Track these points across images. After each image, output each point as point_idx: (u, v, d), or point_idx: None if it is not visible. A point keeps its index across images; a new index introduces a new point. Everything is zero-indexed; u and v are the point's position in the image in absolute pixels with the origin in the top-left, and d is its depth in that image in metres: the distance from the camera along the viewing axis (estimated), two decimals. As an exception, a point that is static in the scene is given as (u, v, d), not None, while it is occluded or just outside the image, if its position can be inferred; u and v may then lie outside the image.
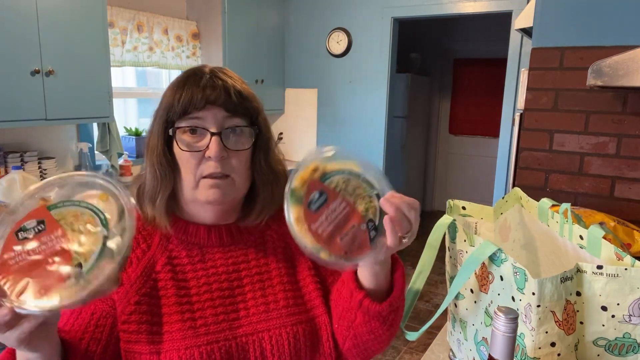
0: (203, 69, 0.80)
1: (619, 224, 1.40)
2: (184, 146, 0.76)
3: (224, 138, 0.76)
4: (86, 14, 2.42)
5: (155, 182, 0.78)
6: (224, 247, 0.83)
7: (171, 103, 0.76)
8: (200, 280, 0.79)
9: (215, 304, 0.78)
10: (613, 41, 1.57)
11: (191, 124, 0.76)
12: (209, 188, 0.77)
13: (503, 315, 0.62)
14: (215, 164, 0.76)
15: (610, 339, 0.75)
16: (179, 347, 0.74)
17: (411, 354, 2.85)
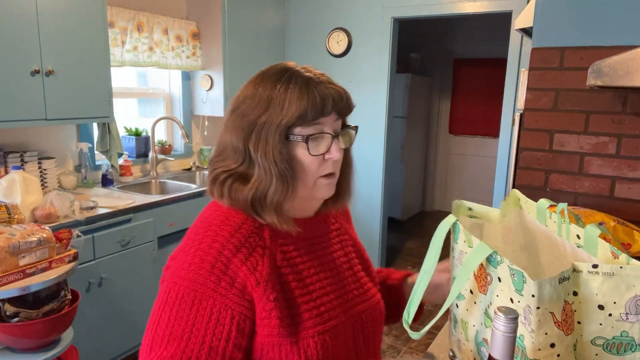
0: (306, 72, 0.82)
1: (619, 224, 1.40)
2: (313, 151, 0.81)
3: (339, 140, 0.83)
4: (86, 14, 2.42)
5: (285, 189, 0.80)
6: (318, 238, 0.91)
7: (303, 110, 0.78)
8: (310, 271, 0.86)
9: (327, 291, 0.86)
10: (613, 41, 1.57)
11: (317, 130, 0.80)
12: (325, 186, 0.84)
13: (503, 315, 0.62)
14: (333, 164, 0.83)
15: (608, 338, 0.75)
16: (313, 334, 0.80)
17: (411, 354, 2.85)
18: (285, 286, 0.81)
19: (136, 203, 2.50)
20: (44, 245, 1.64)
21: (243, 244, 0.79)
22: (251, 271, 0.77)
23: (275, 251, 0.82)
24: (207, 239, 0.79)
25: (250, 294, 0.77)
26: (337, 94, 0.80)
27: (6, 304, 1.54)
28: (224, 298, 0.75)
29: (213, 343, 0.73)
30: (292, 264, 0.84)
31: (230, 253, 0.77)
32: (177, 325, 0.74)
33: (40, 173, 2.51)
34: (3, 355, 1.62)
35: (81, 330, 2.06)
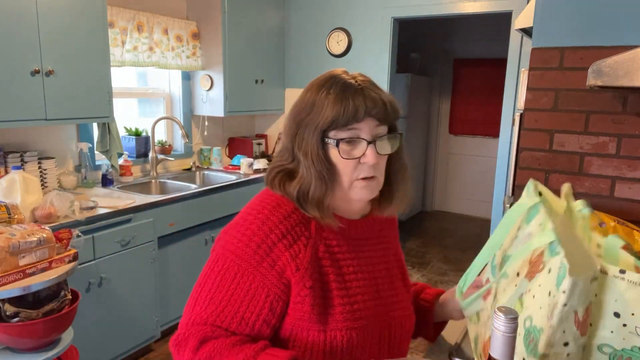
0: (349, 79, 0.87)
1: (619, 224, 1.40)
2: (345, 154, 0.85)
3: (377, 145, 0.86)
4: (86, 14, 2.42)
5: (322, 186, 0.86)
6: (362, 240, 0.94)
7: (335, 115, 0.83)
8: (350, 269, 0.90)
9: (364, 290, 0.90)
10: (613, 41, 1.57)
11: (351, 134, 0.85)
12: (362, 188, 0.87)
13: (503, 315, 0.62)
14: (369, 168, 0.86)
15: (617, 349, 0.74)
16: (341, 328, 0.85)
17: (411, 354, 2.85)
18: (324, 277, 0.86)
19: (136, 203, 2.50)
20: (44, 245, 1.64)
21: (289, 231, 0.86)
22: (293, 257, 0.84)
23: (319, 243, 0.88)
24: (257, 220, 0.86)
25: (288, 278, 0.84)
26: (373, 101, 0.84)
27: (6, 304, 1.54)
28: (263, 277, 0.83)
29: (245, 315, 0.83)
30: (334, 258, 0.88)
31: (276, 237, 0.85)
32: (218, 292, 0.84)
33: (40, 173, 2.51)
34: (3, 355, 1.62)
35: (81, 330, 2.06)
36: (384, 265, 0.96)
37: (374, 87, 0.87)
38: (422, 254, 4.60)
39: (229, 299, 0.83)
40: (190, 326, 0.84)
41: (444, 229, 5.43)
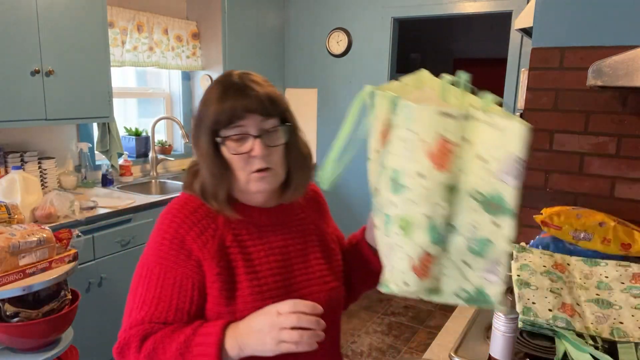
0: (234, 78, 0.93)
1: (619, 224, 1.40)
2: (233, 151, 0.90)
3: (264, 139, 0.90)
4: (86, 14, 2.42)
5: (214, 182, 0.93)
6: (274, 226, 1.00)
7: (216, 116, 0.90)
8: (260, 254, 0.96)
9: (274, 272, 0.95)
10: (613, 41, 1.57)
11: (237, 132, 0.90)
12: (258, 180, 0.92)
13: (503, 315, 0.62)
14: (260, 160, 0.90)
15: (486, 195, 0.69)
16: (250, 308, 0.89)
17: (411, 354, 2.85)
18: (232, 264, 0.92)
19: (136, 203, 2.50)
20: (44, 245, 1.64)
21: (196, 224, 0.93)
22: (201, 248, 0.91)
23: (227, 233, 0.94)
24: (167, 219, 0.94)
25: (203, 266, 0.91)
26: (250, 98, 0.89)
27: (6, 304, 1.54)
28: (184, 269, 0.91)
29: (179, 305, 0.89)
30: (242, 246, 0.95)
31: (184, 231, 0.92)
32: (149, 293, 0.90)
33: (40, 173, 2.51)
34: (3, 355, 1.62)
35: (81, 330, 2.06)
36: (301, 246, 1.01)
37: (255, 85, 0.91)
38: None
39: (159, 296, 0.89)
40: (128, 330, 0.89)
41: (444, 229, 5.43)
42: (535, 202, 1.77)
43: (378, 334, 3.06)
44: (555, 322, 1.02)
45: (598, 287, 1.18)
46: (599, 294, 1.15)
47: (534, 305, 1.07)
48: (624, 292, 1.15)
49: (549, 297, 1.10)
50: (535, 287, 1.14)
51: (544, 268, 1.23)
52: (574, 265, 1.28)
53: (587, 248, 1.39)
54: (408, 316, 3.31)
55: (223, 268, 0.91)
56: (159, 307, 0.89)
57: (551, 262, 1.26)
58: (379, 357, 2.80)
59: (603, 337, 1.01)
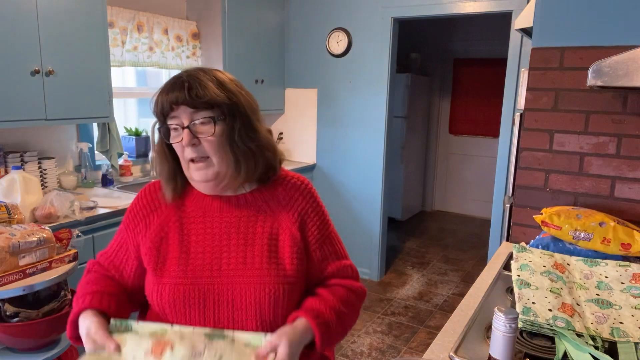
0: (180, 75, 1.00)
1: (619, 224, 1.40)
2: (166, 139, 1.01)
3: (193, 129, 0.98)
4: (86, 14, 2.42)
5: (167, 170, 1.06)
6: (222, 212, 1.06)
7: (155, 109, 1.01)
8: (198, 237, 1.04)
9: (205, 256, 1.02)
10: (613, 41, 1.57)
11: (170, 122, 1.00)
12: (195, 170, 1.02)
13: (503, 315, 0.62)
14: (191, 149, 0.99)
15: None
16: (172, 283, 1.00)
17: (411, 354, 2.85)
18: (168, 240, 1.05)
19: (136, 203, 2.50)
20: (44, 245, 1.64)
21: (149, 204, 1.10)
22: (146, 225, 1.08)
23: (173, 215, 1.07)
24: (137, 195, 1.14)
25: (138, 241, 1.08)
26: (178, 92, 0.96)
27: (6, 304, 1.54)
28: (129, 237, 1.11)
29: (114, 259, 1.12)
30: (183, 227, 1.05)
31: (138, 208, 1.11)
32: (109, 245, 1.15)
33: (40, 173, 2.51)
34: (3, 355, 1.62)
35: (81, 330, 2.06)
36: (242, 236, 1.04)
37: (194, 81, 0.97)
38: (422, 254, 4.60)
39: (111, 245, 1.14)
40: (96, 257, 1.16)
41: (444, 229, 5.43)
42: (535, 202, 1.78)
43: (378, 334, 3.06)
44: (555, 322, 1.02)
45: (598, 287, 1.18)
46: (599, 294, 1.15)
47: (534, 305, 1.07)
48: (623, 292, 1.15)
49: (549, 297, 1.10)
50: (535, 287, 1.14)
51: (544, 268, 1.23)
52: (574, 265, 1.28)
53: (587, 248, 1.39)
54: (408, 316, 3.31)
55: (155, 244, 1.05)
56: (107, 252, 1.14)
57: (551, 262, 1.26)
58: (379, 357, 2.80)
59: (603, 337, 1.01)
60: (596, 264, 1.27)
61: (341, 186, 3.94)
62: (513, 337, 0.62)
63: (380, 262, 3.91)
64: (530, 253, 1.31)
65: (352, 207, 3.90)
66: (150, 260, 1.04)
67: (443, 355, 1.05)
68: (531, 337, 1.04)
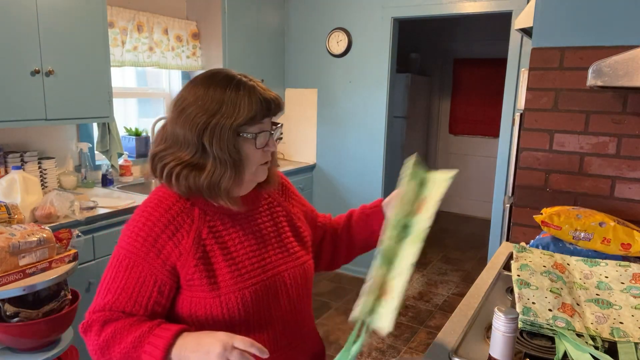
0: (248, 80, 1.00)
1: (619, 224, 1.40)
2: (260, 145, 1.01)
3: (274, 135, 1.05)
4: (86, 14, 2.42)
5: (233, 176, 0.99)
6: (246, 213, 1.08)
7: (252, 114, 0.97)
8: (235, 241, 1.04)
9: (249, 256, 1.04)
10: (613, 41, 1.57)
11: (261, 128, 1.01)
12: (263, 171, 1.06)
13: (503, 315, 0.62)
14: (269, 154, 1.05)
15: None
16: (234, 290, 0.99)
17: (411, 354, 2.85)
18: (210, 254, 1.00)
19: (136, 203, 2.50)
20: (44, 245, 1.64)
21: (171, 222, 0.99)
22: (176, 245, 0.98)
23: (202, 227, 1.01)
24: (142, 217, 1.00)
25: (173, 263, 0.98)
26: (275, 98, 1.01)
27: (6, 304, 1.54)
28: (151, 266, 0.97)
29: (138, 298, 0.96)
30: (218, 236, 1.02)
31: (159, 229, 0.98)
32: (114, 282, 0.97)
33: (40, 173, 2.51)
34: (3, 355, 1.62)
35: (81, 330, 2.06)
36: (273, 227, 1.11)
37: (266, 88, 1.02)
38: (422, 254, 4.57)
39: (123, 287, 0.96)
40: (92, 314, 0.97)
41: (444, 229, 5.43)
42: (535, 202, 1.78)
43: (378, 334, 3.06)
44: (555, 322, 1.02)
45: (598, 287, 1.17)
46: (599, 294, 1.15)
47: (534, 305, 1.07)
48: (624, 292, 1.15)
49: (549, 297, 1.10)
50: (535, 287, 1.14)
51: (544, 268, 1.23)
52: (574, 265, 1.28)
53: (587, 248, 1.39)
54: (408, 316, 3.31)
55: (200, 259, 0.99)
56: (121, 297, 0.96)
57: (551, 262, 1.26)
58: (379, 357, 2.80)
59: (603, 337, 1.01)
60: (596, 264, 1.26)
61: (341, 186, 3.94)
62: (513, 337, 0.62)
63: (380, 262, 3.91)
64: (530, 253, 1.31)
65: (352, 207, 3.89)
66: (202, 276, 0.98)
67: (443, 355, 1.05)
68: (531, 337, 1.04)
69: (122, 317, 0.95)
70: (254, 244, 1.06)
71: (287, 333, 1.07)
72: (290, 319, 1.08)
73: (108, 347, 0.92)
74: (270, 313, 1.04)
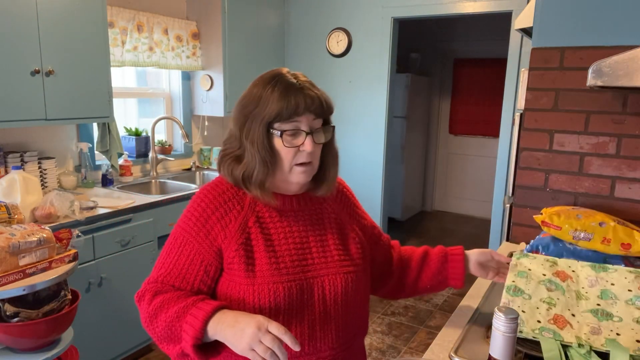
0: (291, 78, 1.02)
1: (619, 224, 1.40)
2: (287, 143, 1.01)
3: (313, 136, 1.02)
4: (86, 14, 2.42)
5: (264, 170, 1.02)
6: (295, 212, 1.10)
7: (279, 111, 0.98)
8: (280, 235, 1.06)
9: (291, 253, 1.05)
10: (613, 41, 1.57)
11: (293, 126, 1.00)
12: (300, 173, 1.04)
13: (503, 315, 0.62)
14: (307, 155, 1.02)
15: None
16: (268, 282, 1.00)
17: (411, 354, 2.85)
18: (252, 242, 1.03)
19: (136, 203, 2.50)
20: (44, 245, 1.64)
21: (222, 205, 1.05)
22: (223, 227, 1.03)
23: (250, 215, 1.05)
24: (198, 199, 1.07)
25: (219, 245, 1.03)
26: (311, 98, 0.99)
27: (6, 304, 1.54)
28: (200, 245, 1.03)
29: (187, 275, 1.03)
30: (264, 227, 1.05)
31: (210, 211, 1.04)
32: (168, 258, 1.05)
33: (40, 173, 2.51)
34: (3, 355, 1.62)
35: (81, 330, 2.06)
36: (320, 232, 1.10)
37: (312, 87, 1.02)
38: (422, 254, 4.59)
39: (175, 263, 1.04)
40: (147, 284, 1.06)
41: (444, 229, 5.43)
42: (535, 202, 1.78)
43: (378, 334, 3.06)
44: (542, 333, 1.01)
45: (601, 297, 1.12)
46: (600, 304, 1.10)
47: (523, 314, 1.06)
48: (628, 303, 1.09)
49: (541, 307, 1.08)
50: (528, 295, 1.12)
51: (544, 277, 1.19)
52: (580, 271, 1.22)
53: (587, 248, 1.39)
54: (408, 316, 3.31)
55: (242, 245, 1.02)
56: (172, 272, 1.03)
57: (552, 271, 1.21)
58: (379, 357, 2.80)
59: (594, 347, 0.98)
60: (604, 269, 1.20)
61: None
62: (513, 337, 0.62)
63: (380, 262, 3.91)
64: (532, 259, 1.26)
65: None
66: (241, 262, 1.01)
67: (443, 355, 1.05)
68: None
69: (171, 290, 1.01)
70: (297, 242, 1.07)
71: (314, 342, 1.04)
72: (321, 329, 1.05)
73: (156, 316, 0.98)
74: (301, 314, 1.03)
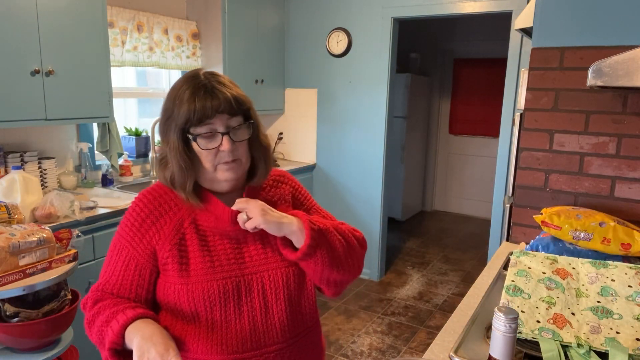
0: (202, 80, 1.00)
1: (619, 224, 1.40)
2: (203, 147, 1.01)
3: (230, 135, 1.01)
4: (86, 14, 2.42)
5: (182, 175, 1.02)
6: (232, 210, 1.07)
7: (188, 115, 0.98)
8: (215, 234, 1.06)
9: (227, 251, 1.05)
10: (613, 41, 1.57)
11: (207, 129, 1.00)
12: (225, 171, 1.03)
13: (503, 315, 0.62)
14: (228, 154, 1.01)
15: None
16: (202, 281, 1.02)
17: (411, 354, 2.85)
18: (188, 242, 1.04)
19: (136, 203, 2.49)
20: (44, 245, 1.64)
21: (157, 208, 1.06)
22: (158, 230, 1.05)
23: (186, 216, 1.06)
24: (133, 204, 1.09)
25: (153, 246, 1.04)
26: (219, 100, 0.98)
27: (6, 304, 1.54)
28: (134, 250, 1.05)
29: (123, 282, 1.04)
30: (200, 228, 1.06)
31: (144, 214, 1.06)
32: (108, 265, 1.07)
33: (40, 173, 2.51)
34: (3, 355, 1.62)
35: (81, 330, 2.05)
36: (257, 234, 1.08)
37: (224, 86, 1.01)
38: (422, 254, 4.60)
39: (112, 271, 1.06)
40: (90, 292, 1.07)
41: (444, 229, 5.43)
42: (535, 202, 1.78)
43: (378, 334, 3.06)
44: (541, 333, 1.01)
45: (601, 294, 1.13)
46: (600, 301, 1.11)
47: (522, 314, 1.06)
48: (628, 299, 1.10)
49: (540, 307, 1.08)
50: (528, 295, 1.12)
51: (543, 275, 1.19)
52: (580, 268, 1.23)
53: (587, 248, 1.39)
54: (408, 316, 3.31)
55: (176, 245, 1.03)
56: (110, 280, 1.05)
57: (552, 268, 1.22)
58: (379, 357, 2.80)
59: (593, 347, 0.98)
60: (605, 265, 1.21)
61: (341, 186, 3.94)
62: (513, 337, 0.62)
63: (380, 262, 3.91)
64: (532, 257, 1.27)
65: (352, 207, 3.90)
66: (174, 262, 1.02)
67: (443, 355, 1.05)
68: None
69: (109, 298, 1.03)
70: (234, 240, 1.06)
71: (257, 337, 1.03)
72: (263, 323, 1.04)
73: (93, 322, 1.00)
74: (240, 310, 1.02)
